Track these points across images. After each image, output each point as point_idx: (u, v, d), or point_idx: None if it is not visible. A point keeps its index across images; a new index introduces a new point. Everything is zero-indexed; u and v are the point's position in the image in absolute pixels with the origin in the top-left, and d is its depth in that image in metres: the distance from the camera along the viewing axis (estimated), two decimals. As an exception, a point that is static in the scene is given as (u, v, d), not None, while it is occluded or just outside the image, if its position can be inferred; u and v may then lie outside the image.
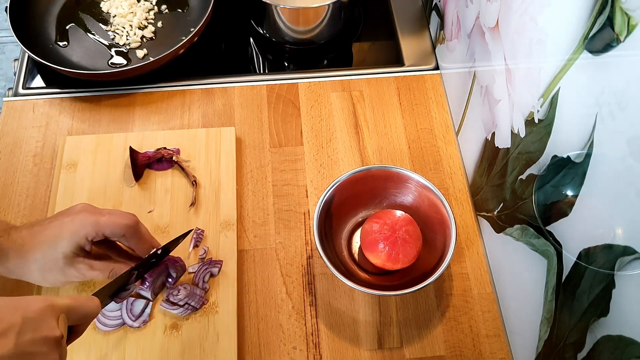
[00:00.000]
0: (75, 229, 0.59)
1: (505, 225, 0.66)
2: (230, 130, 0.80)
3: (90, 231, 0.60)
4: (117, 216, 0.61)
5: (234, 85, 0.87)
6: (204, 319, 0.66)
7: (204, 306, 0.67)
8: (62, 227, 0.60)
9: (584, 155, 0.47)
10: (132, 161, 0.75)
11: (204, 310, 0.67)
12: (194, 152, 0.78)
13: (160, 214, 0.73)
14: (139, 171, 0.75)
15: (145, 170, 0.76)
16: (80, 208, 0.62)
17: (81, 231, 0.59)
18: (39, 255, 0.59)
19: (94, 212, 0.61)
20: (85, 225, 0.59)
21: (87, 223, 0.60)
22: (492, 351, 0.68)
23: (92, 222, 0.60)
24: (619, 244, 0.44)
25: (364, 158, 0.81)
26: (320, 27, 0.90)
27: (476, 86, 0.72)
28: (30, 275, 0.60)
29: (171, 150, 0.77)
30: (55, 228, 0.60)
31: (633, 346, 0.43)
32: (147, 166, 0.76)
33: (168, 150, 0.77)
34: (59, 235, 0.59)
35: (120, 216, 0.61)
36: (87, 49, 0.89)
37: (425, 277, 0.64)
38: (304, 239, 0.74)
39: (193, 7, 0.94)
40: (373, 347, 0.68)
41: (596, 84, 0.44)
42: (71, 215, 0.61)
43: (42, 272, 0.60)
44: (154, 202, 0.74)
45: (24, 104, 0.85)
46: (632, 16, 0.39)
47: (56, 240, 0.59)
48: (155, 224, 0.72)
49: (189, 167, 0.76)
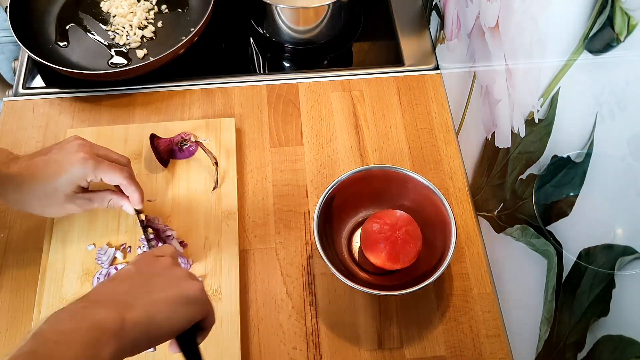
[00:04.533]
0: (74, 171, 0.61)
1: (505, 225, 0.66)
2: (230, 120, 0.81)
3: (89, 174, 0.62)
4: (115, 167, 0.63)
5: (234, 85, 0.87)
6: None
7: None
8: (60, 166, 0.61)
9: (584, 155, 0.47)
10: (154, 149, 0.76)
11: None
12: None
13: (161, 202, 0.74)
14: (164, 157, 0.76)
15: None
16: (77, 147, 0.63)
17: (81, 173, 0.61)
18: (39, 192, 0.61)
19: (93, 156, 0.62)
20: (85, 170, 0.61)
21: (87, 167, 0.61)
22: (492, 351, 0.68)
23: (92, 167, 0.62)
24: (619, 244, 0.44)
25: (364, 158, 0.81)
26: (320, 27, 0.90)
27: (476, 86, 0.72)
28: (30, 209, 0.63)
29: (190, 134, 0.78)
30: (54, 166, 0.61)
31: (633, 346, 0.43)
32: (171, 154, 0.77)
33: (188, 134, 0.77)
34: (58, 175, 0.61)
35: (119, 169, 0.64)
36: (87, 49, 0.89)
37: (425, 277, 0.64)
38: (304, 239, 0.74)
39: (193, 7, 0.94)
40: (373, 347, 0.68)
41: (596, 84, 0.44)
42: (69, 154, 0.62)
43: (42, 207, 0.63)
44: (154, 193, 0.75)
45: (24, 104, 0.85)
46: (632, 16, 0.39)
47: (56, 180, 0.61)
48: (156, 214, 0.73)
49: (208, 144, 0.77)
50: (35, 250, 0.71)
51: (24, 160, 0.62)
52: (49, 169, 0.61)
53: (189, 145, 0.77)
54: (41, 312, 0.66)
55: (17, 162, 0.62)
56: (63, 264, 0.69)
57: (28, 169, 0.61)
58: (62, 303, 0.67)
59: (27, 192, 0.61)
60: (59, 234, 0.71)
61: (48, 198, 0.62)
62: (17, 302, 0.68)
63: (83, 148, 0.63)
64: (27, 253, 0.72)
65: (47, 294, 0.67)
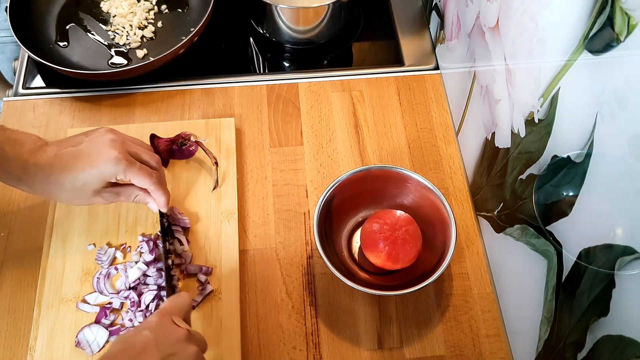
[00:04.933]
0: (106, 169, 0.61)
1: (505, 225, 0.66)
2: (230, 120, 0.81)
3: (120, 174, 0.62)
4: (145, 172, 0.63)
5: (234, 85, 0.87)
6: (207, 305, 0.67)
7: (209, 294, 0.68)
8: (92, 161, 0.61)
9: (584, 155, 0.47)
10: (154, 149, 0.76)
11: (208, 297, 0.68)
12: None
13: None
14: (164, 157, 0.76)
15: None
16: (110, 143, 0.62)
17: (112, 172, 0.61)
18: (67, 185, 0.61)
19: (126, 156, 0.62)
20: (116, 169, 0.61)
21: (119, 167, 0.61)
22: (492, 351, 0.68)
23: (123, 168, 0.61)
24: (619, 244, 0.44)
25: (364, 158, 0.81)
26: (320, 27, 0.90)
27: (476, 86, 0.72)
28: (57, 198, 0.64)
29: (190, 134, 0.78)
30: (85, 160, 0.61)
31: (633, 346, 0.43)
32: (171, 154, 0.77)
33: (188, 133, 0.77)
34: (88, 170, 0.61)
35: (148, 174, 0.64)
36: (87, 49, 0.89)
37: (425, 277, 0.64)
38: (304, 239, 0.74)
39: (193, 7, 0.94)
40: (373, 347, 0.68)
41: (596, 84, 0.44)
42: (102, 150, 0.61)
43: (68, 198, 0.63)
44: None
45: (24, 104, 0.85)
46: (632, 16, 0.39)
47: (85, 174, 0.61)
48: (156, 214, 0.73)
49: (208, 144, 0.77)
50: (35, 250, 0.71)
51: (52, 149, 0.61)
52: (79, 163, 0.61)
53: (188, 145, 0.77)
54: (41, 312, 0.66)
55: (46, 151, 0.61)
56: (63, 264, 0.69)
57: (58, 160, 0.60)
58: (62, 303, 0.67)
59: (55, 184, 0.61)
60: (59, 234, 0.71)
61: (75, 191, 0.62)
62: (17, 302, 0.68)
63: (116, 145, 0.62)
64: (27, 253, 0.72)
65: (47, 294, 0.67)
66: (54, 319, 0.66)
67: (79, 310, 0.66)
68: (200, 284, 0.69)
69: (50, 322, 0.65)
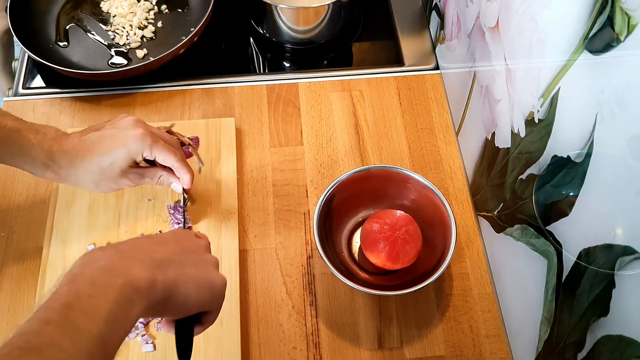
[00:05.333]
0: (132, 145, 0.61)
1: (505, 225, 0.66)
2: (230, 120, 0.81)
3: (146, 150, 0.62)
4: (170, 149, 0.64)
5: (234, 85, 0.87)
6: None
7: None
8: (118, 140, 0.62)
9: (584, 155, 0.47)
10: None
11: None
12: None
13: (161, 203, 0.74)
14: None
15: None
16: (134, 123, 0.63)
17: (138, 148, 0.62)
18: (94, 167, 0.61)
19: (150, 134, 0.63)
20: (143, 145, 0.62)
21: (145, 143, 0.62)
22: (492, 351, 0.68)
23: (149, 143, 0.62)
24: (619, 244, 0.44)
25: (364, 158, 0.81)
26: (320, 27, 0.90)
27: (476, 86, 0.72)
28: (83, 184, 0.64)
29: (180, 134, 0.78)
30: (110, 141, 0.62)
31: (633, 346, 0.43)
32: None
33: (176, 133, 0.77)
34: (115, 149, 0.61)
35: (173, 151, 0.64)
36: (87, 49, 0.89)
37: (425, 277, 0.64)
38: (304, 239, 0.74)
39: (193, 7, 0.94)
40: (373, 347, 0.68)
41: (596, 84, 0.44)
42: (126, 129, 0.62)
43: (95, 182, 0.63)
44: (154, 193, 0.75)
45: (24, 104, 0.85)
46: (632, 16, 0.39)
47: (113, 154, 0.61)
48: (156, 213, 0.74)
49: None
50: (35, 250, 0.71)
51: (75, 136, 0.63)
52: (105, 144, 0.61)
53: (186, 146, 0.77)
54: (41, 312, 0.66)
55: (68, 138, 0.62)
56: (63, 264, 0.69)
57: (83, 143, 0.61)
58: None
59: (81, 167, 0.61)
60: (59, 233, 0.71)
61: (102, 172, 0.62)
62: (17, 301, 0.68)
63: (139, 124, 0.63)
64: (27, 253, 0.72)
65: (47, 293, 0.67)
66: (54, 319, 0.66)
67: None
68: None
69: (50, 321, 0.66)
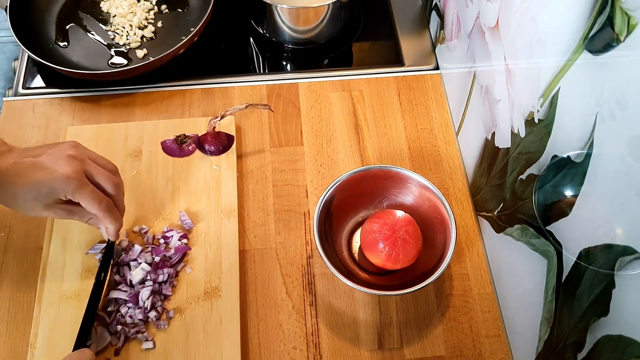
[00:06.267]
0: (54, 186, 0.60)
1: (505, 225, 0.66)
2: (230, 118, 0.81)
3: (68, 194, 0.61)
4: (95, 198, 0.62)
5: (234, 85, 0.87)
6: (207, 303, 0.67)
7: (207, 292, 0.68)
8: (44, 175, 0.60)
9: (584, 155, 0.47)
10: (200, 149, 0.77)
11: (207, 295, 0.68)
12: None
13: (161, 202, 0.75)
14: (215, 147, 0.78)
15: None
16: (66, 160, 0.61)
17: (60, 191, 0.60)
18: (19, 195, 0.60)
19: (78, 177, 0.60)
20: (65, 188, 0.60)
21: (68, 187, 0.60)
22: (492, 351, 0.68)
23: (72, 189, 0.60)
24: (619, 244, 0.44)
25: (364, 158, 0.81)
26: (320, 27, 0.90)
27: (476, 86, 0.72)
28: (11, 207, 0.63)
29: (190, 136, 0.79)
30: (39, 173, 0.60)
31: (633, 346, 0.43)
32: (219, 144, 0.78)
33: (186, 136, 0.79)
34: (40, 182, 0.60)
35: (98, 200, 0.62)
36: (87, 49, 0.89)
37: (425, 277, 0.64)
38: (304, 239, 0.74)
39: (193, 7, 0.94)
40: (373, 347, 0.68)
41: (596, 84, 0.44)
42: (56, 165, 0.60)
43: (22, 208, 0.62)
44: (154, 192, 0.75)
45: (24, 104, 0.85)
46: (632, 16, 0.39)
47: (36, 187, 0.60)
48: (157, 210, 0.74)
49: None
50: (35, 250, 0.71)
51: (14, 156, 0.61)
52: (31, 175, 0.60)
53: (188, 144, 0.77)
54: (41, 309, 0.66)
55: (7, 157, 0.60)
56: (63, 262, 0.69)
57: (15, 169, 0.59)
58: (62, 300, 0.67)
59: (7, 192, 0.60)
60: (59, 233, 0.71)
61: (27, 202, 0.61)
62: (17, 301, 0.68)
63: (72, 163, 0.61)
64: (27, 253, 0.72)
65: (47, 293, 0.67)
66: (55, 316, 0.66)
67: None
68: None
69: (50, 319, 0.65)
